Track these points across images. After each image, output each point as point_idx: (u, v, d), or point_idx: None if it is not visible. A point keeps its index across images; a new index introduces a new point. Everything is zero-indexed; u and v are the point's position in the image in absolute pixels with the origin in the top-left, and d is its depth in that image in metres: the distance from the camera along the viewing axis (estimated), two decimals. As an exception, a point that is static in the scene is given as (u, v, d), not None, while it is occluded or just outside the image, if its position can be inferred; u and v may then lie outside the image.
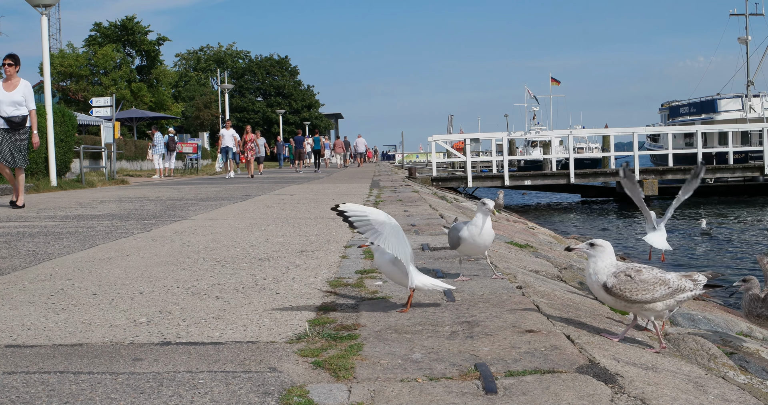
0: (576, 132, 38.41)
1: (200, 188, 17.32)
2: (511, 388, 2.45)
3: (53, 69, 40.69)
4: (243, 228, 7.54)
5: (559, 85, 72.43)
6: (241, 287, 4.21)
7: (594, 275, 3.26)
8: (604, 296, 3.27)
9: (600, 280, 3.23)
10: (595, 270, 3.25)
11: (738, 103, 44.17)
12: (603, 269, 3.23)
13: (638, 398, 2.40)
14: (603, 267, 3.24)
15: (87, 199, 13.05)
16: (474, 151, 41.04)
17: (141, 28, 51.19)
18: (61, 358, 2.82)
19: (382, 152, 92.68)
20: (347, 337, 3.06)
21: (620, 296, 3.18)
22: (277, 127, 65.28)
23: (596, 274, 3.25)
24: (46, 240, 6.70)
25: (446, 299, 3.82)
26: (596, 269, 3.25)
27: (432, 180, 28.12)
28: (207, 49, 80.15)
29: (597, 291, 3.29)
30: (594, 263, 3.26)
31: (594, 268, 3.26)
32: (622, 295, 3.17)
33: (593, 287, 3.30)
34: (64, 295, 4.04)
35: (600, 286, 3.24)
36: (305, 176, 26.25)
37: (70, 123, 20.05)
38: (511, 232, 9.33)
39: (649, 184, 28.42)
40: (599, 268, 3.24)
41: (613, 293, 3.19)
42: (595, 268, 3.25)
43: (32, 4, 16.87)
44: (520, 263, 5.70)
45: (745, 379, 3.53)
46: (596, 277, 3.25)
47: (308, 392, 2.41)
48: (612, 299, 3.24)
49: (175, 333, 3.17)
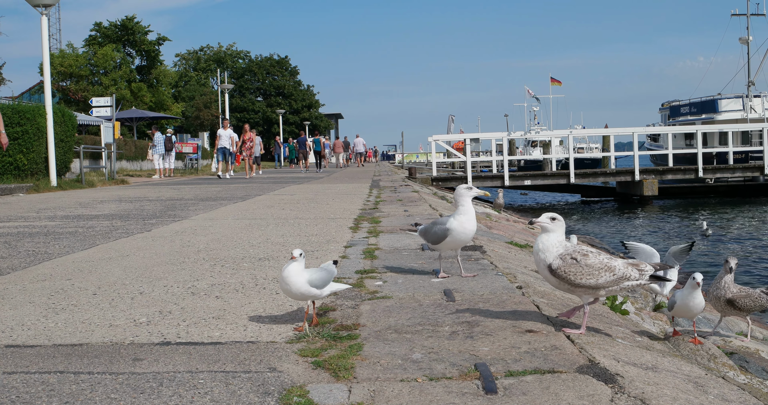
0: (576, 132, 38.43)
1: (200, 188, 17.32)
2: (511, 388, 2.45)
3: (53, 69, 40.70)
4: (243, 228, 7.54)
5: (560, 85, 72.34)
6: (241, 287, 4.21)
7: (542, 253, 3.21)
8: (548, 276, 3.22)
9: (546, 260, 3.19)
10: (544, 246, 3.20)
11: (739, 103, 44.18)
12: (552, 247, 3.19)
13: (638, 398, 2.40)
14: (552, 245, 3.19)
15: (87, 199, 13.05)
16: (474, 151, 41.08)
17: (141, 28, 51.18)
18: (61, 358, 2.82)
19: (382, 152, 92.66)
20: (347, 337, 3.06)
21: (564, 279, 3.15)
22: (277, 127, 65.25)
23: (544, 251, 3.20)
24: (46, 240, 6.70)
25: (446, 299, 3.82)
26: (546, 246, 3.20)
27: (432, 180, 28.14)
28: (207, 49, 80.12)
29: (542, 270, 3.25)
30: (547, 238, 3.21)
31: (544, 244, 3.20)
32: (566, 278, 3.14)
33: (539, 265, 3.26)
34: (64, 295, 4.04)
35: (545, 267, 3.20)
36: (305, 176, 26.25)
37: (70, 123, 20.04)
38: (511, 232, 9.33)
39: (649, 184, 28.41)
40: (549, 246, 3.19)
41: (558, 275, 3.15)
42: (545, 244, 3.20)
43: (32, 4, 16.87)
44: (520, 263, 5.70)
45: (745, 379, 3.53)
46: (543, 255, 3.20)
47: (308, 392, 2.41)
48: (556, 281, 3.20)
49: (175, 333, 3.17)
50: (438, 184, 27.15)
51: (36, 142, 17.36)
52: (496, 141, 35.68)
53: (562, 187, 31.00)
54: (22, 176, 16.95)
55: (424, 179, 27.73)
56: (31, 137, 17.21)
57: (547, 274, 3.21)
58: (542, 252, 3.20)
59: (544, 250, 3.20)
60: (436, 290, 4.04)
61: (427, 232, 4.48)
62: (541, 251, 3.20)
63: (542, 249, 3.20)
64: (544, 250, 3.20)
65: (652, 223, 21.99)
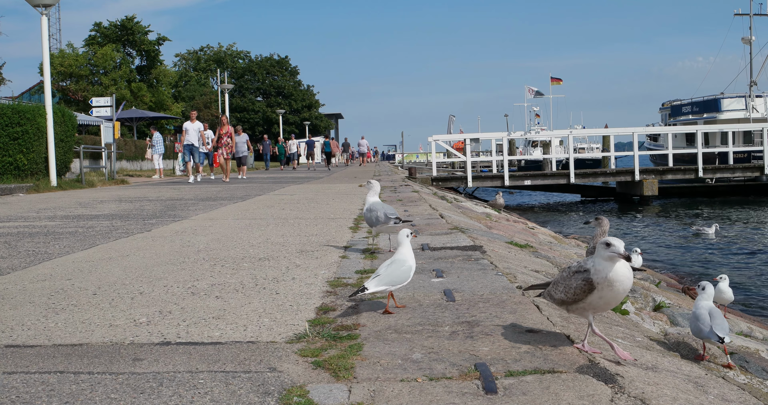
0: (576, 132, 38.37)
1: (200, 188, 17.32)
2: (511, 388, 2.45)
3: (53, 69, 40.68)
4: (243, 228, 7.54)
5: (561, 83, 72.23)
6: (241, 287, 4.21)
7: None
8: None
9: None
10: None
11: (741, 103, 44.14)
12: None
13: (638, 398, 2.40)
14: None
15: (87, 199, 13.05)
16: (474, 151, 41.03)
17: (141, 28, 51.16)
18: (61, 358, 2.82)
19: (382, 152, 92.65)
20: (347, 337, 3.06)
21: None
22: (277, 127, 65.23)
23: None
24: (46, 240, 6.70)
25: (446, 299, 3.82)
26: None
27: (432, 180, 28.12)
28: (207, 49, 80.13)
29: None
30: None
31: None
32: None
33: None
34: (64, 295, 4.03)
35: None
36: (305, 176, 26.25)
37: (70, 123, 20.04)
38: (511, 232, 9.33)
39: (649, 184, 28.38)
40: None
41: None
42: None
43: (32, 4, 16.87)
44: (520, 263, 5.69)
45: (745, 379, 3.53)
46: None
47: (308, 392, 2.41)
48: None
49: (175, 333, 3.17)
50: (438, 184, 27.13)
51: (36, 142, 17.35)
52: (496, 141, 35.62)
53: (562, 187, 30.96)
54: (22, 176, 16.95)
55: (424, 179, 27.70)
56: (31, 137, 17.21)
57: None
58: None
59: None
60: (436, 290, 4.04)
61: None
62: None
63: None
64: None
65: (652, 223, 21.98)
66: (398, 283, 3.46)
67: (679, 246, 16.06)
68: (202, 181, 21.66)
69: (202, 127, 22.43)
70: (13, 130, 16.88)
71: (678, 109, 50.51)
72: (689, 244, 16.37)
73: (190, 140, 22.05)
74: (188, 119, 22.81)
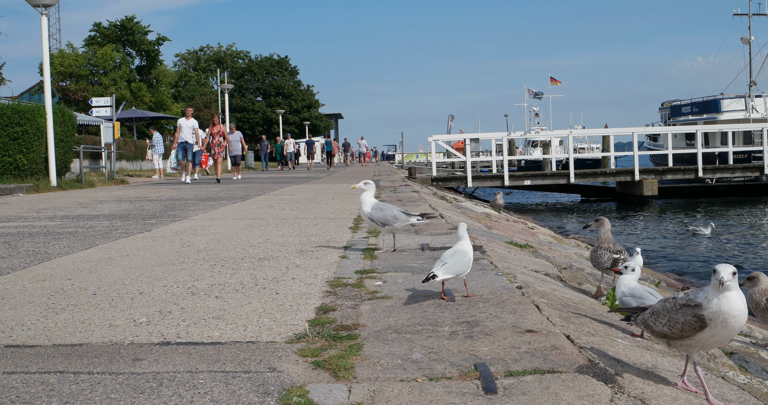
0: (576, 132, 38.38)
1: (200, 188, 17.32)
2: (511, 388, 2.45)
3: (53, 69, 40.68)
4: (243, 228, 7.54)
5: (560, 84, 72.34)
6: (241, 287, 4.21)
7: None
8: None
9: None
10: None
11: (741, 103, 44.12)
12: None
13: (638, 398, 2.40)
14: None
15: (87, 199, 13.05)
16: (474, 151, 40.99)
17: (141, 28, 51.14)
18: (61, 358, 2.82)
19: (382, 152, 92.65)
20: (347, 337, 3.06)
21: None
22: (277, 127, 65.21)
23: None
24: (46, 240, 6.70)
25: (446, 299, 3.82)
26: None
27: (432, 180, 28.11)
28: (207, 49, 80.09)
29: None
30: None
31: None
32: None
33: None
34: (64, 295, 4.03)
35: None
36: (305, 176, 26.25)
37: (70, 123, 20.03)
38: (511, 232, 9.34)
39: (649, 185, 28.37)
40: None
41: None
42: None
43: (32, 4, 16.87)
44: (520, 263, 5.69)
45: (745, 379, 3.53)
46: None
47: (308, 392, 2.41)
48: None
49: (175, 333, 3.17)
50: (438, 184, 27.13)
51: (36, 142, 17.35)
52: (496, 141, 35.63)
53: (561, 187, 30.96)
54: (22, 176, 16.95)
55: (424, 179, 27.70)
56: (31, 137, 17.20)
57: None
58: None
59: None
60: (437, 290, 4.04)
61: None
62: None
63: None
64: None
65: (652, 223, 21.99)
66: (461, 272, 3.77)
67: (679, 246, 16.08)
68: (201, 181, 21.66)
69: (196, 125, 21.53)
70: (13, 130, 16.88)
71: (678, 109, 50.50)
72: (689, 243, 16.38)
73: (184, 137, 21.03)
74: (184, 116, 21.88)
